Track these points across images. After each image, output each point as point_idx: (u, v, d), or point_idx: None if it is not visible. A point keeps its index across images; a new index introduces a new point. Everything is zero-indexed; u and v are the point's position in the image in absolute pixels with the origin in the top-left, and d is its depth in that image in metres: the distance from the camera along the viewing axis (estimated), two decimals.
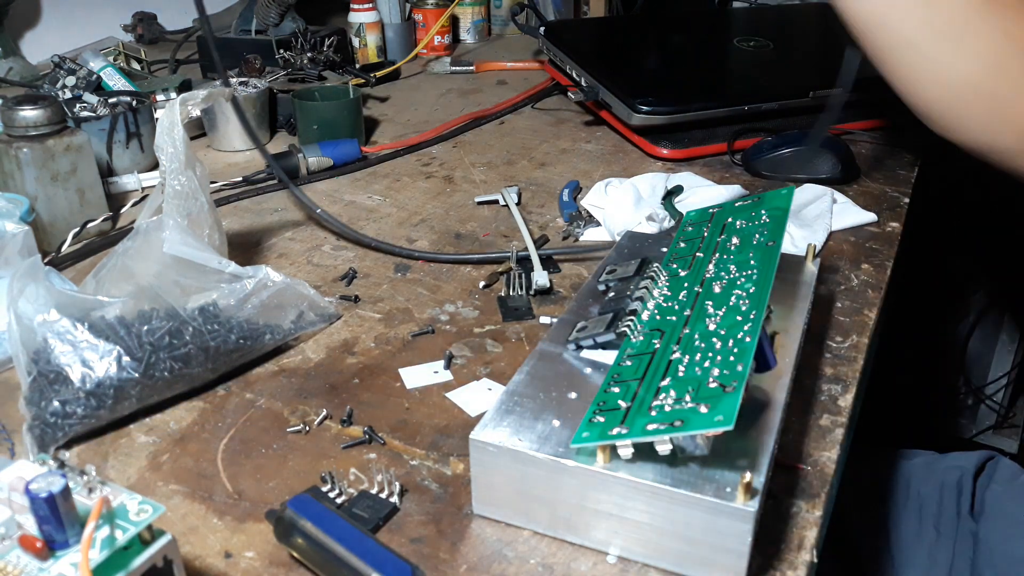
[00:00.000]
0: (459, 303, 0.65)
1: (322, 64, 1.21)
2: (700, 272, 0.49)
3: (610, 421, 0.37)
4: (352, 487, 0.46)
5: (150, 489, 0.47)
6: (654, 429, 0.36)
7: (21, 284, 0.51)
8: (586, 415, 0.39)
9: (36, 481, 0.31)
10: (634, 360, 0.42)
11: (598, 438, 0.37)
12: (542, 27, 1.12)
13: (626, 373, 0.41)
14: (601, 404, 0.39)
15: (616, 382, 0.40)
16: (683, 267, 0.51)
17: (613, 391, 0.40)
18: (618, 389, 0.40)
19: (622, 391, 0.39)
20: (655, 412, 0.37)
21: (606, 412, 0.38)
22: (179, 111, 0.58)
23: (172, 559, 0.34)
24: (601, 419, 0.38)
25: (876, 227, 0.76)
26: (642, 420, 0.37)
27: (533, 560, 0.41)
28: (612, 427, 0.37)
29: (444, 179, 0.90)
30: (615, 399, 0.39)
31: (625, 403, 0.38)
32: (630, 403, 0.38)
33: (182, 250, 0.56)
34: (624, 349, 0.44)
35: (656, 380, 0.39)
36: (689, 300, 0.46)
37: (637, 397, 0.39)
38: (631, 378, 0.40)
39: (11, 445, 0.51)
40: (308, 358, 0.59)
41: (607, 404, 0.39)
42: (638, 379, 0.40)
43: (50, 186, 0.74)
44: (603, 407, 0.39)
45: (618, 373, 0.41)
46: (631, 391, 0.39)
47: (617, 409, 0.38)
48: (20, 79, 1.16)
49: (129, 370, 0.50)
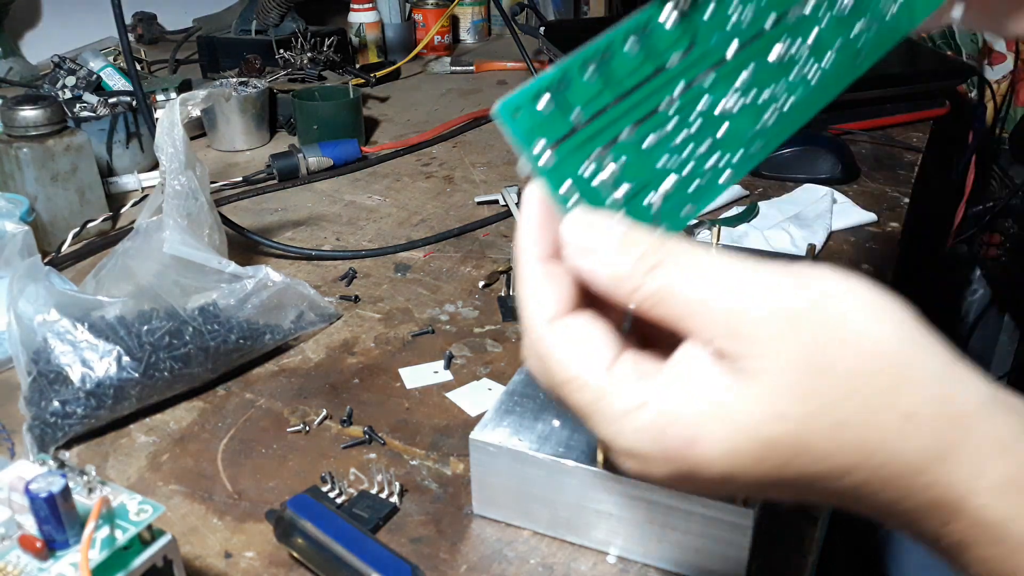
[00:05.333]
0: (459, 303, 0.65)
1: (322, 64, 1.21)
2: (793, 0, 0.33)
3: (550, 124, 0.27)
4: (352, 487, 0.46)
5: (150, 489, 0.47)
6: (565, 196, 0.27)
7: (21, 284, 0.51)
8: (536, 81, 0.27)
9: (36, 481, 0.31)
10: (640, 53, 0.29)
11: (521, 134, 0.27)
12: (542, 27, 1.12)
13: (619, 64, 0.29)
14: (563, 84, 0.27)
15: (601, 64, 0.28)
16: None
17: (587, 76, 0.28)
18: (593, 79, 0.28)
19: (594, 88, 0.28)
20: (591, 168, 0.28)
21: (556, 104, 0.27)
22: (179, 111, 0.58)
23: (172, 559, 0.34)
24: (546, 107, 0.27)
25: (876, 227, 0.76)
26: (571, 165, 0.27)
27: (533, 560, 0.41)
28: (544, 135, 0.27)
29: (444, 179, 0.90)
30: (579, 95, 0.28)
31: (580, 116, 0.28)
32: (584, 122, 0.28)
33: (182, 250, 0.56)
34: (646, 20, 0.29)
35: (629, 117, 0.29)
36: (750, 30, 0.32)
37: (597, 120, 0.28)
38: (616, 79, 0.29)
39: (11, 445, 0.51)
40: (308, 358, 0.59)
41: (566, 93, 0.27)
42: (619, 92, 0.29)
43: (50, 186, 0.74)
44: (560, 90, 0.27)
45: (612, 53, 0.28)
46: (600, 102, 0.28)
47: (567, 113, 0.27)
48: (20, 79, 1.16)
49: (129, 370, 0.50)
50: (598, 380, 0.26)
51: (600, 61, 0.28)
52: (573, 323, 0.27)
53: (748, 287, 0.25)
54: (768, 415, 0.24)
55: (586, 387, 0.26)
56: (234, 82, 1.01)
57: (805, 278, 0.25)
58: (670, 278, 0.25)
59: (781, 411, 0.24)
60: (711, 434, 0.24)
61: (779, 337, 0.24)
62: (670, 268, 0.26)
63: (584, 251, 0.27)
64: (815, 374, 0.24)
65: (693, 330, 0.25)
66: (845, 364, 0.24)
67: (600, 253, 0.26)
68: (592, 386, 0.26)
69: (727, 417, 0.24)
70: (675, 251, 0.26)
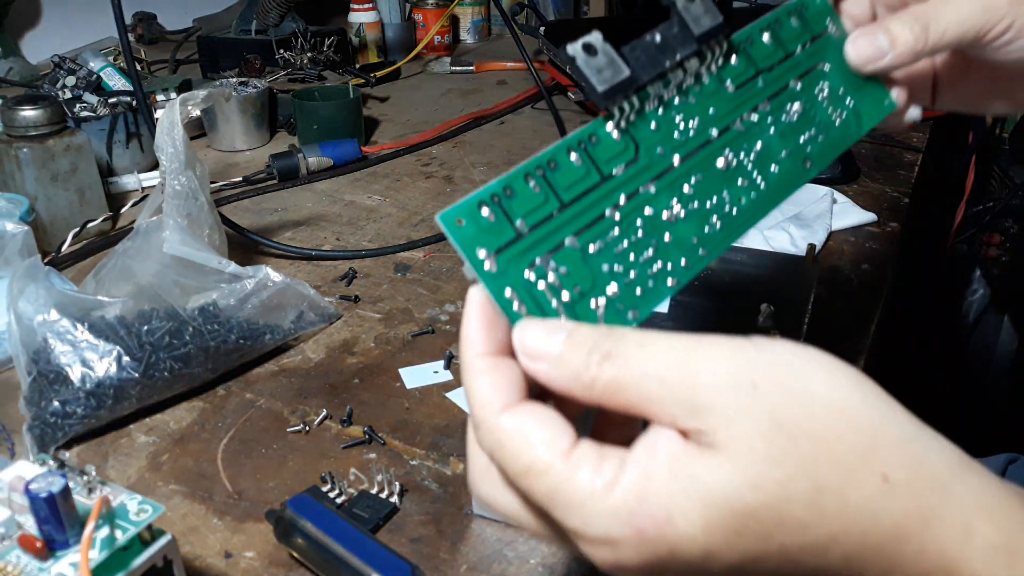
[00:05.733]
0: (459, 303, 0.65)
1: (322, 64, 1.21)
2: (738, 111, 0.35)
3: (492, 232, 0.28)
4: (352, 487, 0.46)
5: (150, 489, 0.47)
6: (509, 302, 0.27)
7: (21, 284, 0.51)
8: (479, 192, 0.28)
9: (36, 481, 0.31)
10: (584, 163, 0.30)
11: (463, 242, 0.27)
12: (542, 27, 1.12)
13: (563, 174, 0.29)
14: (506, 193, 0.28)
15: (544, 177, 0.29)
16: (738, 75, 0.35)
17: (530, 186, 0.28)
18: (537, 190, 0.29)
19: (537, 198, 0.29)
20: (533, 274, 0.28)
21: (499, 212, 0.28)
22: (179, 111, 0.58)
23: (172, 559, 0.34)
24: (489, 216, 0.28)
25: (876, 227, 0.76)
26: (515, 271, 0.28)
27: (533, 560, 0.41)
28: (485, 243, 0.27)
29: (444, 179, 0.90)
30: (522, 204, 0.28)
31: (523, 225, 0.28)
32: (526, 230, 0.28)
33: (182, 250, 0.56)
34: (590, 132, 0.30)
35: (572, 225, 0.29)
36: (692, 143, 0.33)
37: (540, 228, 0.28)
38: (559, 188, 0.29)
39: (11, 445, 0.51)
40: (308, 358, 0.59)
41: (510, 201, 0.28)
42: (562, 201, 0.29)
43: (50, 186, 0.74)
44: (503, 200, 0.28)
45: (556, 162, 0.29)
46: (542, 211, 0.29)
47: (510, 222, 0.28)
48: (20, 79, 1.16)
49: (129, 370, 0.50)
50: (558, 464, 0.24)
51: (544, 172, 0.29)
52: (525, 411, 0.26)
53: (703, 362, 0.24)
54: (743, 484, 0.23)
55: (546, 473, 0.25)
56: (234, 82, 1.01)
57: (760, 348, 0.25)
58: (622, 366, 0.25)
59: (755, 479, 0.23)
60: (686, 510, 0.23)
61: (743, 406, 0.24)
62: (620, 356, 0.25)
63: (536, 356, 0.26)
64: (786, 439, 0.23)
65: (654, 414, 0.25)
66: (815, 428, 0.24)
67: (551, 355, 0.26)
68: (553, 471, 0.24)
69: (701, 490, 0.23)
70: (623, 338, 0.25)
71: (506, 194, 0.28)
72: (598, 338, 0.26)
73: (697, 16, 0.33)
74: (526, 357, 0.27)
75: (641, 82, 0.31)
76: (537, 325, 0.27)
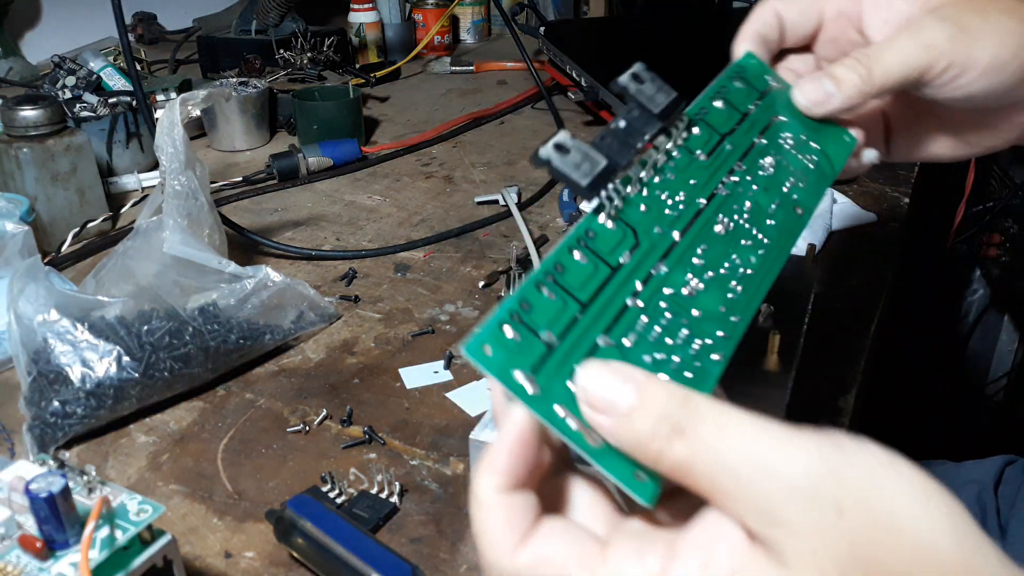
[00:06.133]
0: (459, 303, 0.65)
1: (322, 64, 1.21)
2: (717, 175, 0.36)
3: (523, 350, 0.26)
4: (352, 487, 0.46)
5: (150, 489, 0.47)
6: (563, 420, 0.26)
7: (21, 284, 0.51)
8: (497, 313, 0.27)
9: (36, 481, 0.31)
10: (590, 260, 0.30)
11: (497, 369, 0.26)
12: (542, 27, 1.12)
13: (572, 275, 0.29)
14: (523, 307, 0.27)
15: (556, 281, 0.29)
16: (705, 143, 0.36)
17: (545, 295, 0.28)
18: (553, 296, 0.28)
19: (556, 305, 0.28)
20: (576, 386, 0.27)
21: (523, 329, 0.27)
22: (179, 111, 0.58)
23: (172, 559, 0.34)
24: (514, 335, 0.26)
25: (876, 227, 0.76)
26: (558, 387, 0.26)
27: None
28: (520, 364, 0.26)
29: (444, 179, 0.90)
30: (543, 315, 0.27)
31: (551, 336, 0.27)
32: (557, 340, 0.27)
33: (182, 250, 0.56)
34: (586, 228, 0.31)
35: (600, 324, 0.28)
36: (685, 215, 0.33)
37: (569, 334, 0.27)
38: (574, 289, 0.29)
39: (11, 445, 0.51)
40: (308, 358, 0.59)
41: (530, 315, 0.27)
42: (581, 302, 0.29)
43: (50, 186, 0.74)
44: (523, 315, 0.27)
45: (563, 266, 0.29)
46: (565, 317, 0.28)
47: (537, 336, 0.27)
48: (20, 79, 1.16)
49: (129, 370, 0.50)
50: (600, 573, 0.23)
51: (554, 278, 0.29)
52: (542, 537, 0.24)
53: (784, 466, 0.22)
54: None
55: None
56: (234, 82, 1.01)
57: (848, 457, 0.23)
58: (695, 450, 0.23)
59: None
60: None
61: (821, 526, 0.22)
62: (693, 436, 0.23)
63: (600, 409, 0.25)
64: (861, 570, 0.21)
65: (722, 506, 0.23)
66: (896, 562, 0.21)
67: (618, 411, 0.24)
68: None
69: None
70: (698, 412, 0.24)
71: (523, 308, 0.27)
72: (671, 405, 0.24)
73: (652, 96, 0.35)
74: (588, 407, 0.25)
75: (620, 165, 0.32)
76: (605, 372, 0.25)
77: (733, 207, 0.35)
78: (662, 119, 0.34)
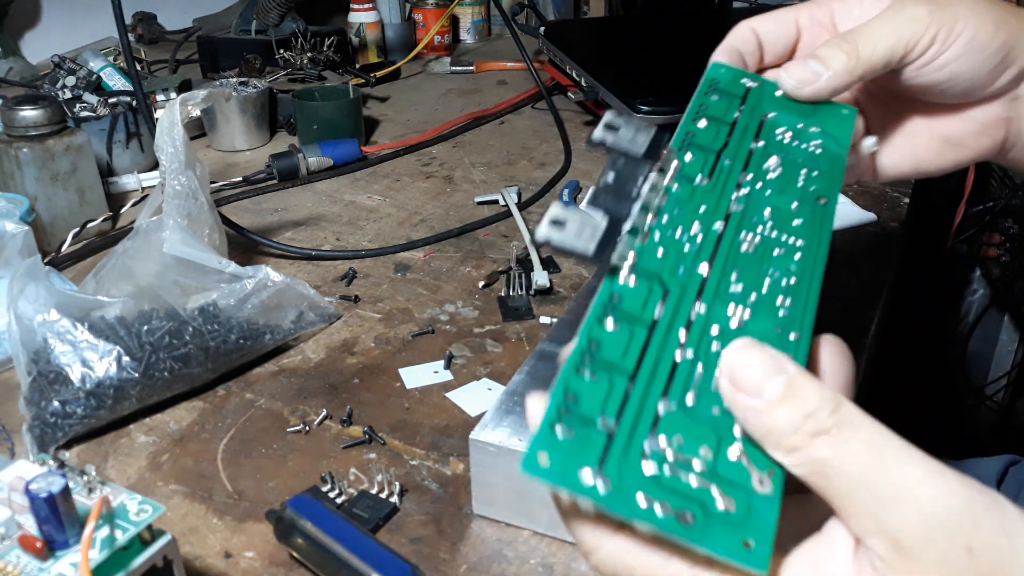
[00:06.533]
0: (459, 303, 0.65)
1: (322, 64, 1.21)
2: (725, 194, 0.34)
3: (582, 447, 0.24)
4: (352, 487, 0.46)
5: (150, 489, 0.47)
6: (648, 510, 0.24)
7: (21, 284, 0.51)
8: (545, 416, 0.25)
9: (36, 481, 0.31)
10: (623, 326, 0.28)
11: (559, 478, 0.24)
12: (542, 27, 1.12)
13: (610, 347, 0.27)
14: (569, 400, 0.25)
15: (595, 359, 0.26)
16: (702, 166, 0.34)
17: (587, 379, 0.26)
18: (596, 377, 0.26)
19: (602, 386, 0.26)
20: (651, 464, 0.25)
21: (576, 423, 0.25)
22: (179, 111, 0.58)
23: (172, 559, 0.34)
24: (568, 433, 0.25)
25: (876, 227, 0.76)
26: (631, 474, 0.24)
27: (533, 560, 0.41)
28: (583, 463, 0.24)
29: (444, 179, 0.90)
30: (593, 401, 0.25)
31: (608, 421, 0.25)
32: (615, 424, 0.25)
33: (182, 250, 0.56)
34: (609, 294, 0.29)
35: (655, 389, 0.26)
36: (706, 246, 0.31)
37: (625, 413, 0.25)
38: (617, 363, 0.27)
39: (11, 445, 0.51)
40: (308, 358, 0.59)
41: (579, 406, 0.25)
42: (628, 373, 0.26)
43: (50, 186, 0.74)
44: (572, 408, 0.25)
45: (598, 341, 0.27)
46: (616, 396, 0.26)
47: (592, 426, 0.25)
48: (20, 79, 1.16)
49: (129, 370, 0.50)
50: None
51: (591, 358, 0.26)
52: None
53: (927, 499, 0.22)
54: None
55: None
56: (234, 82, 1.01)
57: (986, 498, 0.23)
58: (840, 455, 0.23)
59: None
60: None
61: (945, 559, 0.22)
62: (839, 442, 0.23)
63: (744, 389, 0.24)
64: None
65: (848, 516, 0.23)
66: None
67: (762, 397, 0.24)
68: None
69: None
70: (848, 421, 0.23)
71: (570, 401, 0.25)
72: (820, 406, 0.23)
73: (631, 139, 0.33)
74: (731, 384, 0.25)
75: (622, 219, 0.30)
76: (758, 354, 0.25)
77: (752, 220, 0.33)
78: (649, 159, 0.33)
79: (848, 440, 0.23)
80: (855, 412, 0.23)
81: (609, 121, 0.33)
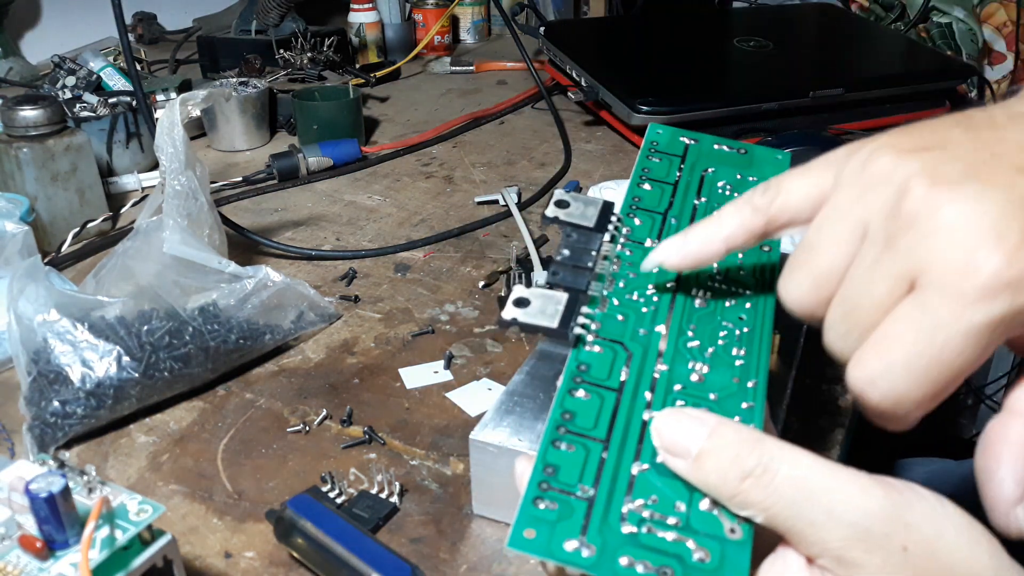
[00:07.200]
0: (459, 303, 0.65)
1: (322, 64, 1.21)
2: None
3: (563, 520, 0.26)
4: (352, 487, 0.46)
5: (150, 489, 0.47)
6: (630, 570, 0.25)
7: (21, 284, 0.51)
8: (526, 492, 0.27)
9: (36, 481, 0.31)
10: (592, 394, 0.29)
11: (545, 552, 0.25)
12: (542, 27, 1.12)
13: (582, 416, 0.29)
14: (548, 474, 0.27)
15: (569, 432, 0.28)
16: (650, 229, 0.36)
17: (564, 450, 0.28)
18: (573, 448, 0.28)
19: (579, 455, 0.28)
20: (630, 525, 0.26)
21: (556, 495, 0.26)
22: (179, 111, 0.58)
23: (172, 559, 0.34)
24: (550, 506, 0.26)
25: None
26: (612, 537, 0.26)
27: (533, 560, 0.41)
28: (567, 534, 0.25)
29: (444, 179, 0.90)
30: (571, 471, 0.27)
31: (585, 489, 0.27)
32: (593, 491, 0.27)
33: (182, 250, 0.56)
34: (576, 363, 0.30)
35: (627, 453, 0.28)
36: (662, 306, 0.33)
37: (602, 478, 0.27)
38: (589, 431, 0.28)
39: (11, 445, 0.51)
40: (308, 358, 0.59)
41: (557, 479, 0.27)
42: (601, 439, 0.28)
43: (50, 186, 0.74)
44: (551, 483, 0.27)
45: (570, 412, 0.29)
46: (592, 463, 0.27)
47: (572, 495, 0.26)
48: (20, 79, 1.16)
49: (129, 370, 0.50)
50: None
51: (566, 428, 0.28)
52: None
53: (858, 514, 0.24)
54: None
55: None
56: (234, 82, 1.01)
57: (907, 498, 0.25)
58: (768, 494, 0.25)
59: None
60: None
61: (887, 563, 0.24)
62: (764, 483, 0.25)
63: (675, 452, 0.26)
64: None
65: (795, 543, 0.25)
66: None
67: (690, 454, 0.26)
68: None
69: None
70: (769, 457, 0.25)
71: (549, 475, 0.27)
72: (742, 449, 0.26)
73: (582, 213, 0.35)
74: (665, 451, 0.27)
75: (582, 291, 0.32)
76: (679, 416, 0.27)
77: (702, 275, 0.34)
78: (600, 230, 0.35)
79: (772, 478, 0.25)
80: (774, 446, 0.26)
81: (559, 198, 0.35)
